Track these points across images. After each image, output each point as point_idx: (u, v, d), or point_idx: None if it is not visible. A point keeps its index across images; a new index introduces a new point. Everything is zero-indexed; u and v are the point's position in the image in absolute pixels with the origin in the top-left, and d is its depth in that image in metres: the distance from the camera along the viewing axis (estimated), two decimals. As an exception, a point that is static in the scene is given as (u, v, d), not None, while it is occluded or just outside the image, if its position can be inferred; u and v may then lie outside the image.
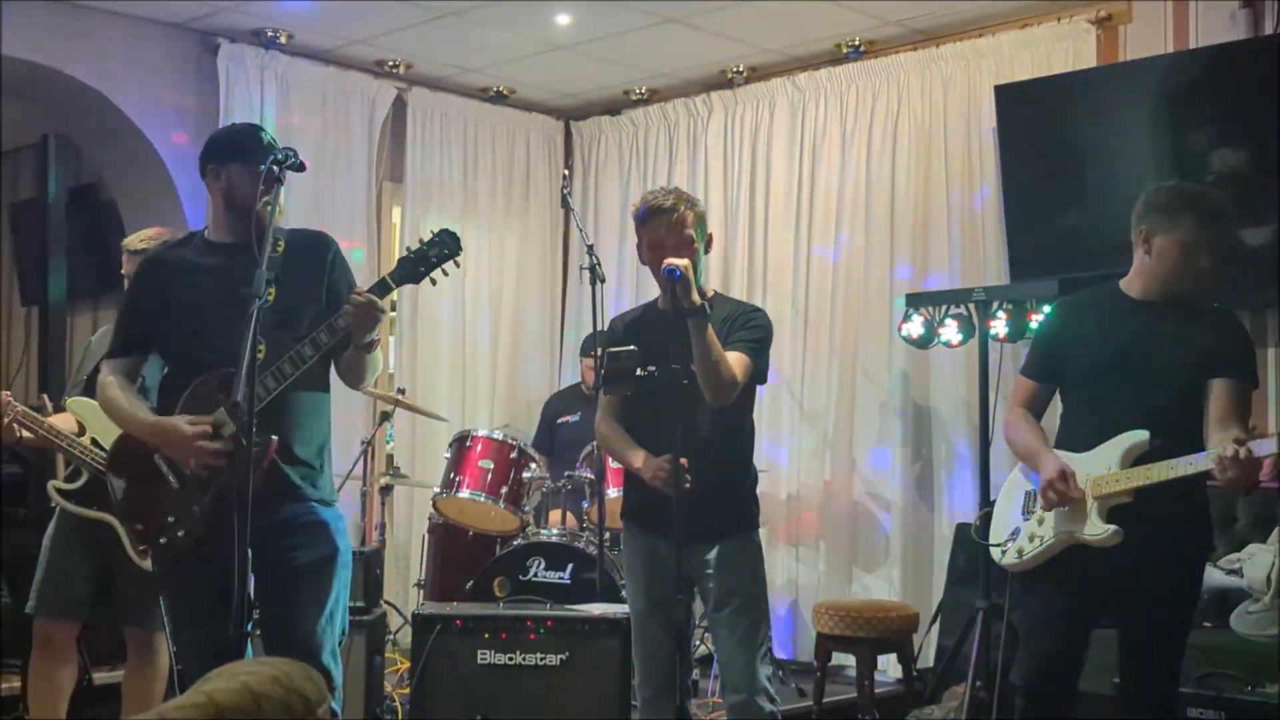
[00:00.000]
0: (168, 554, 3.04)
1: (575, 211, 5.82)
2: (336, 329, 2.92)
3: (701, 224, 3.55)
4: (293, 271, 3.00)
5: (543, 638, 4.26)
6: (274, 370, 2.91)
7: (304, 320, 2.96)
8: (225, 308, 2.90)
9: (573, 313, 7.24)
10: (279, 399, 2.94)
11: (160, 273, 3.16)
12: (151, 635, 3.95)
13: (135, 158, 6.17)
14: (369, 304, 2.90)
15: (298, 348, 2.92)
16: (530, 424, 6.51)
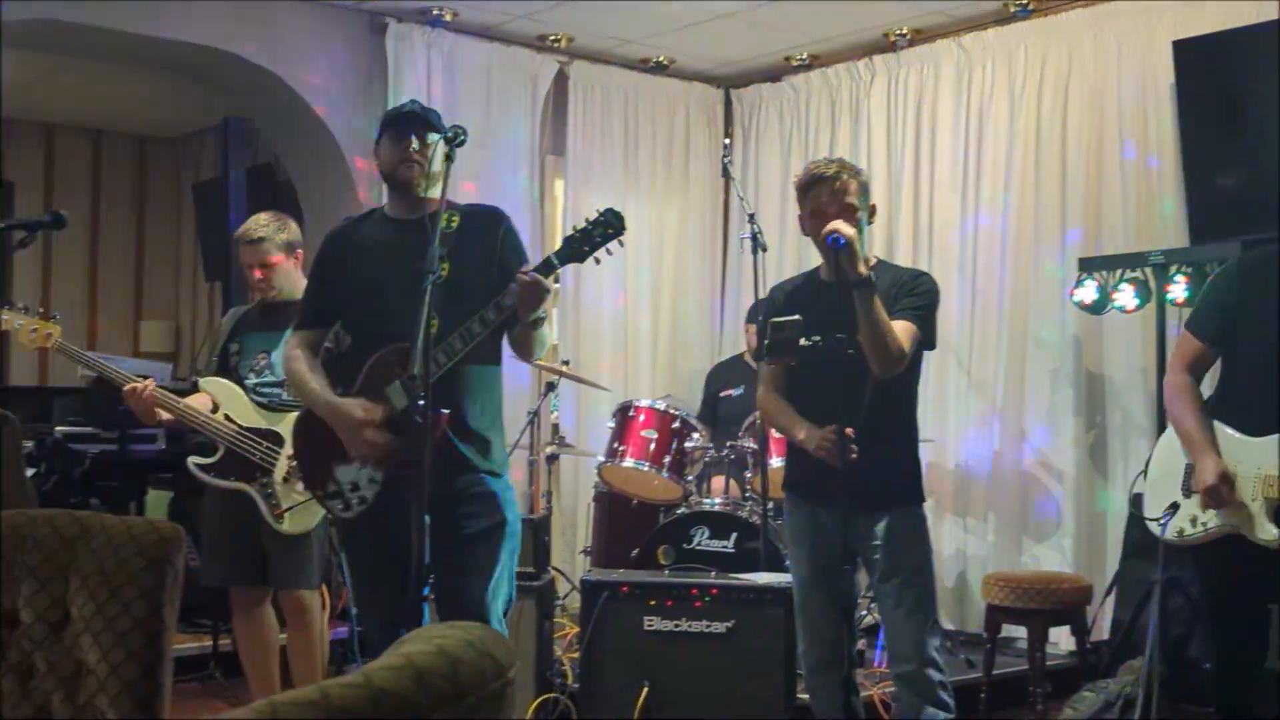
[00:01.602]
0: (348, 521, 3.17)
1: (736, 181, 5.83)
2: (503, 307, 2.99)
3: (865, 193, 3.52)
4: (466, 247, 3.08)
5: (708, 606, 4.30)
6: (445, 345, 3.00)
7: (476, 295, 3.03)
8: (400, 282, 3.00)
9: (733, 282, 7.24)
10: (451, 373, 3.03)
11: (340, 248, 3.29)
12: (303, 596, 4.12)
13: (309, 138, 6.38)
14: (534, 283, 2.95)
15: (467, 324, 3.01)
16: (691, 393, 6.56)
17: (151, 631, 2.09)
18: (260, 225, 4.20)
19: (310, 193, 6.67)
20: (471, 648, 1.08)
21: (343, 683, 0.97)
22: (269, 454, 4.02)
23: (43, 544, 2.15)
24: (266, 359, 4.14)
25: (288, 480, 3.99)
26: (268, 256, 4.16)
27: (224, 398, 4.11)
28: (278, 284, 4.19)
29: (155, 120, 9.12)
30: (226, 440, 4.03)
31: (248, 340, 4.20)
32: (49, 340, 4.07)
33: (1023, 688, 5.08)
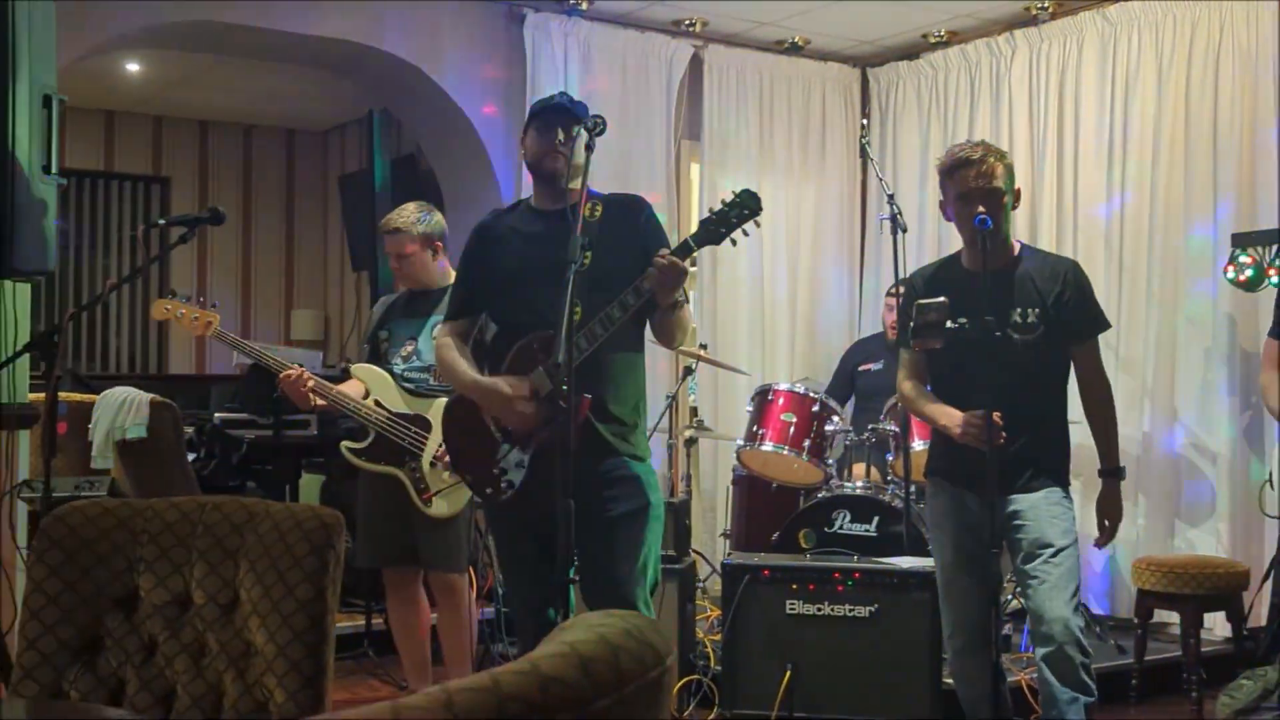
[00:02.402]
0: (495, 504, 3.23)
1: (874, 161, 5.76)
2: (642, 291, 3.02)
3: (1010, 176, 3.47)
4: (609, 235, 3.12)
5: (851, 590, 4.29)
6: (586, 331, 3.04)
7: (619, 282, 3.06)
8: (544, 272, 3.05)
9: (872, 264, 7.18)
10: (593, 359, 3.07)
11: (487, 239, 3.36)
12: (452, 578, 4.21)
13: (450, 129, 6.49)
14: (671, 266, 2.97)
15: (606, 310, 3.04)
16: (830, 376, 6.53)
17: (315, 613, 2.17)
18: (399, 216, 4.31)
19: (451, 182, 6.79)
20: (631, 636, 1.10)
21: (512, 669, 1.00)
22: (417, 439, 4.13)
23: (213, 529, 2.24)
24: (413, 345, 4.25)
25: (435, 464, 4.09)
26: (403, 246, 4.26)
27: (374, 384, 4.23)
28: (413, 273, 4.30)
29: (302, 114, 9.38)
30: (376, 425, 4.15)
31: (395, 327, 4.32)
32: (209, 329, 4.23)
33: (1176, 675, 4.95)
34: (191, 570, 2.22)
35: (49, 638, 2.22)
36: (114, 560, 2.23)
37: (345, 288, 9.63)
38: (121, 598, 2.23)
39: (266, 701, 2.17)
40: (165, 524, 2.25)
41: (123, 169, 9.25)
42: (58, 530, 2.24)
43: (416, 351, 4.24)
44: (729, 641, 4.36)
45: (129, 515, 2.26)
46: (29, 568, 2.26)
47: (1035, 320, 3.43)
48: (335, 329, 9.75)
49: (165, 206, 9.35)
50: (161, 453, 5.33)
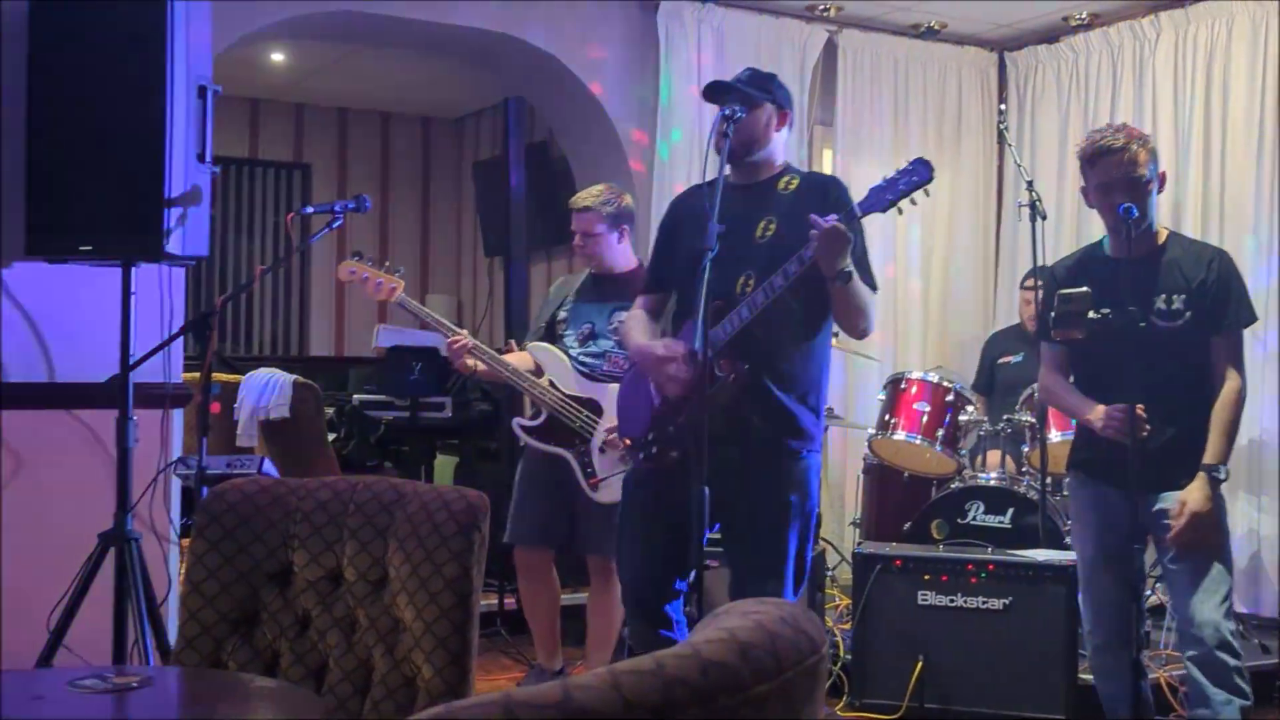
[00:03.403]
0: (645, 470, 3.26)
1: (1011, 146, 5.66)
2: (804, 259, 2.99)
3: (1154, 160, 3.39)
4: (799, 210, 3.10)
5: (984, 582, 4.24)
6: (749, 300, 3.05)
7: None
8: (728, 247, 3.06)
9: (1008, 251, 7.05)
10: (763, 338, 3.07)
11: (676, 214, 3.41)
12: (610, 562, 4.25)
13: (584, 115, 6.55)
14: (833, 230, 2.93)
15: (769, 279, 3.04)
16: (963, 365, 6.43)
17: (462, 592, 2.22)
18: (590, 194, 4.33)
19: (584, 167, 6.84)
20: (787, 624, 1.12)
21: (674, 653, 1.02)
22: (588, 423, 4.17)
23: (364, 508, 2.31)
24: (591, 328, 4.29)
25: (605, 450, 4.13)
26: (591, 225, 4.27)
27: (549, 363, 4.28)
28: (596, 254, 4.31)
29: (437, 101, 9.53)
30: (550, 405, 4.19)
31: (575, 309, 4.36)
32: (393, 294, 4.29)
33: (1324, 677, 4.79)
34: (343, 548, 2.29)
35: (209, 610, 2.31)
36: (270, 537, 2.32)
37: (478, 273, 9.78)
38: (276, 573, 2.32)
39: (414, 677, 2.24)
40: (318, 502, 2.32)
41: (266, 156, 9.51)
42: (218, 506, 2.34)
43: (594, 335, 4.28)
44: (859, 631, 4.35)
45: (284, 493, 2.34)
46: (192, 542, 2.36)
47: (1181, 307, 3.34)
48: (468, 313, 9.91)
49: (306, 193, 9.59)
50: (303, 432, 5.49)
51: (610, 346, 4.21)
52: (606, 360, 4.21)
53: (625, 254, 4.33)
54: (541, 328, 4.44)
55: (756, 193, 3.17)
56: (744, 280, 3.11)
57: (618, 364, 4.17)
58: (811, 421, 3.19)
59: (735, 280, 3.08)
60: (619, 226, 4.29)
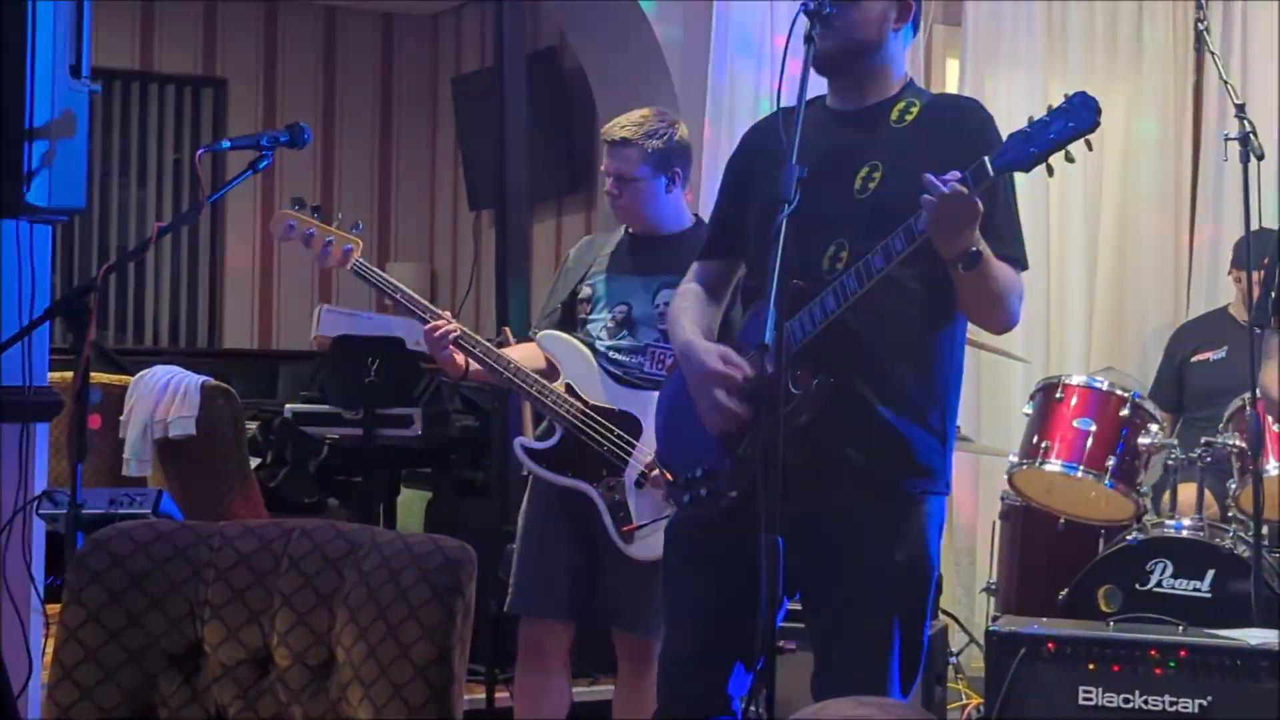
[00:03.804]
0: (692, 517, 3.26)
1: (1215, 55, 5.62)
2: (912, 233, 2.95)
3: None
4: (919, 151, 3.06)
5: (1173, 674, 4.22)
6: (837, 284, 3.02)
7: None
8: (826, 198, 3.00)
9: (1208, 208, 6.99)
10: (863, 333, 3.04)
11: (749, 152, 3.36)
12: (648, 641, 4.23)
13: (610, 13, 6.55)
14: (954, 196, 2.89)
15: (867, 257, 3.00)
16: (1143, 366, 6.40)
17: (438, 682, 2.23)
18: (629, 122, 4.21)
19: (609, 86, 6.85)
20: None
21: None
22: (621, 446, 4.14)
23: (302, 564, 2.32)
24: (626, 312, 4.24)
25: (644, 486, 4.12)
26: (630, 166, 4.18)
27: (567, 361, 4.24)
28: (636, 207, 4.23)
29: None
30: (566, 420, 4.16)
31: (605, 284, 4.30)
32: (348, 259, 4.24)
33: None
34: (273, 620, 2.30)
35: (87, 704, 2.32)
36: (171, 603, 2.32)
37: (460, 234, 9.81)
38: (181, 654, 2.33)
39: (371, 801, 2.25)
40: (238, 556, 2.33)
41: (166, 68, 9.58)
42: (99, 561, 2.35)
43: (631, 322, 4.26)
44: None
45: (191, 543, 2.35)
46: (63, 611, 2.37)
47: None
48: (445, 288, 9.94)
49: (220, 120, 9.64)
50: (216, 456, 5.52)
51: (654, 338, 4.19)
52: (648, 357, 4.18)
53: (677, 208, 4.30)
54: (556, 310, 4.40)
55: (859, 124, 3.14)
56: (834, 251, 3.09)
57: (664, 362, 4.16)
58: (932, 450, 3.16)
59: (822, 250, 3.05)
60: (670, 169, 4.24)
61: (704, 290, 3.37)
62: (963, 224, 2.89)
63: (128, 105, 9.56)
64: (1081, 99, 2.88)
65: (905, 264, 2.98)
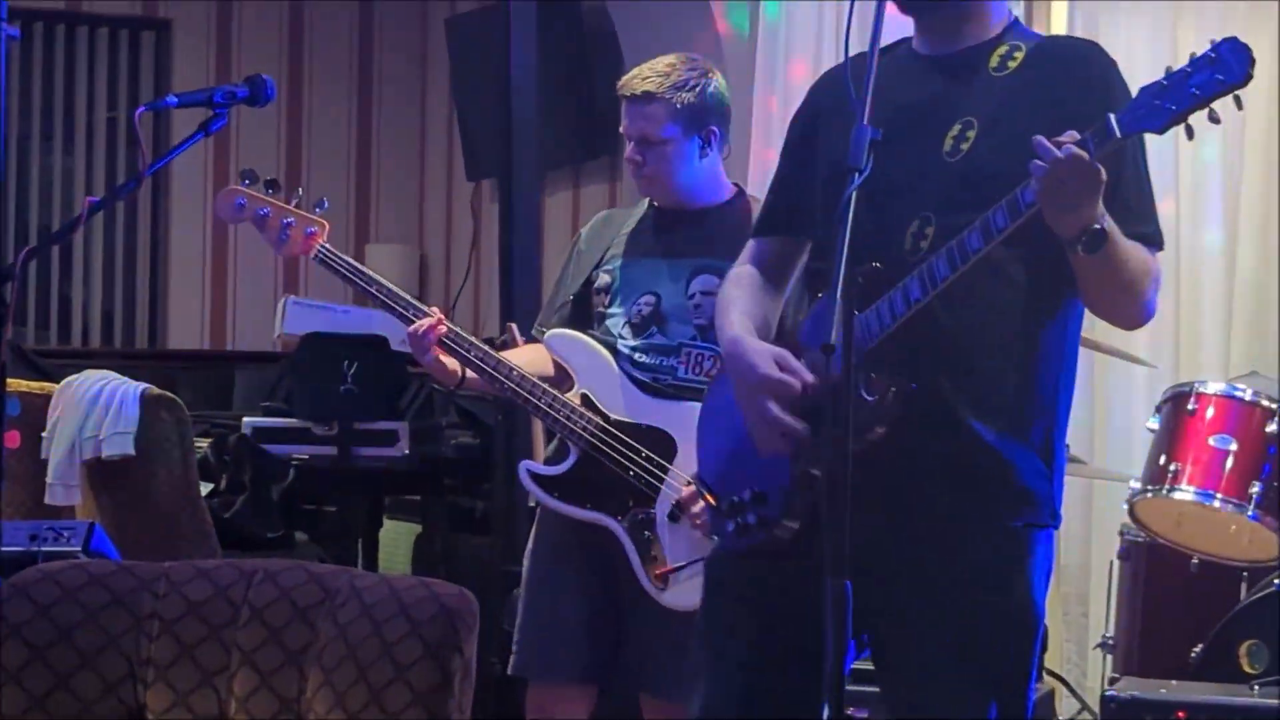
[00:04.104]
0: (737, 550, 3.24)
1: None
2: (1019, 205, 2.93)
3: None
4: (1024, 104, 3.05)
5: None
6: (924, 270, 3.00)
7: None
8: (906, 162, 3.01)
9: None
10: (952, 328, 3.01)
11: (816, 109, 3.34)
12: (676, 710, 4.23)
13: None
14: (1072, 161, 2.88)
15: (961, 235, 2.98)
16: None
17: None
18: (652, 73, 4.20)
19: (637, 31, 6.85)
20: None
21: None
22: (650, 469, 4.15)
23: (266, 613, 2.33)
24: (654, 304, 4.24)
25: (678, 518, 4.12)
26: (654, 127, 4.17)
27: (581, 365, 4.23)
28: (664, 176, 4.23)
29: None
30: (582, 438, 4.18)
31: (627, 270, 4.31)
32: (311, 245, 4.26)
33: None
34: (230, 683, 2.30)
35: (4, 785, 2.33)
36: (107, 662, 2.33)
37: (456, 210, 9.81)
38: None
39: None
40: (188, 604, 2.34)
41: (96, 8, 9.60)
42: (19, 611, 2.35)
43: (660, 317, 4.27)
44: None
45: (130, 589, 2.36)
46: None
47: None
48: (437, 276, 9.94)
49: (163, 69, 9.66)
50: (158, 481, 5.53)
51: (688, 336, 4.19)
52: (682, 360, 4.17)
53: (713, 176, 4.30)
54: (567, 304, 4.40)
55: (951, 71, 3.12)
56: (918, 227, 3.09)
57: (702, 365, 4.15)
58: (1037, 474, 3.14)
59: (903, 226, 3.04)
60: (704, 128, 4.23)
61: (760, 275, 3.35)
62: (1082, 196, 2.87)
63: (50, 52, 9.56)
64: (1231, 46, 2.86)
65: (1007, 243, 2.96)
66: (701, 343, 4.14)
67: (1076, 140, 2.82)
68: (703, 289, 4.04)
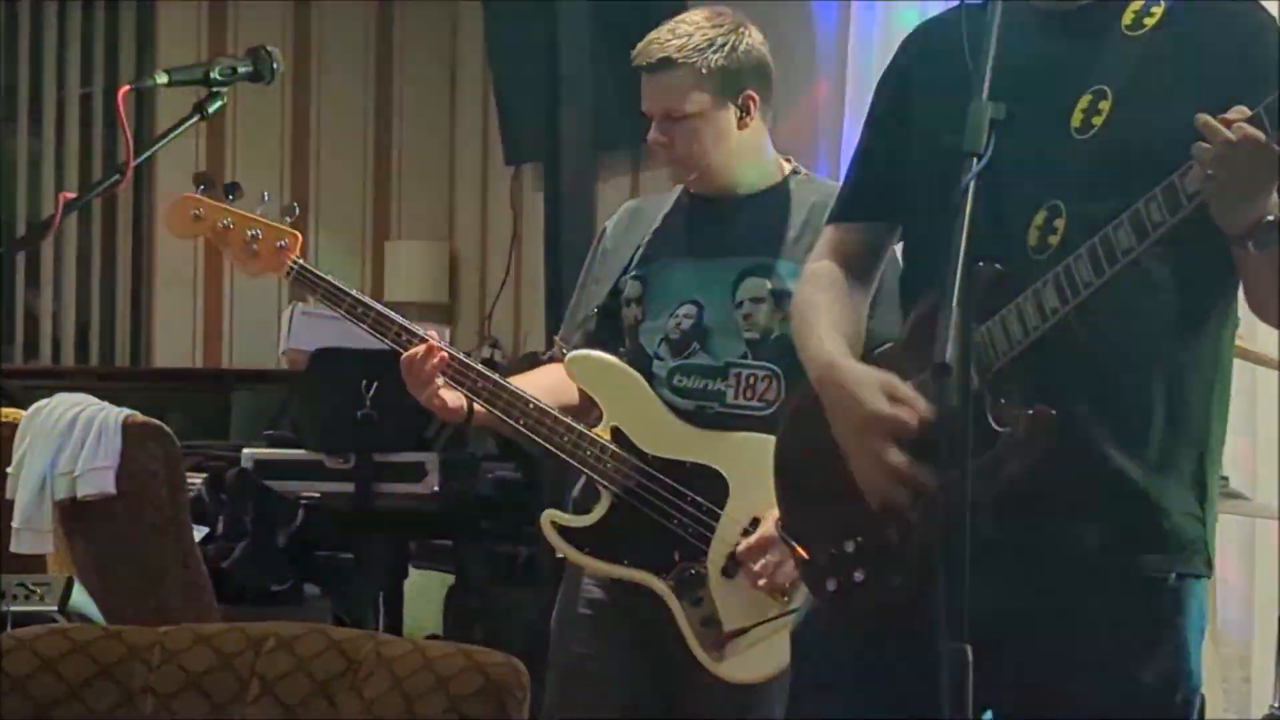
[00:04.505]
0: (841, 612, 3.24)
1: None
2: (1179, 196, 2.90)
3: None
4: (1167, 69, 3.03)
5: None
6: (1060, 275, 2.97)
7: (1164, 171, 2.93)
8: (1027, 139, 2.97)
9: None
10: (1089, 343, 3.01)
11: (917, 63, 3.30)
12: None
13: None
14: (1245, 143, 2.85)
15: (1107, 230, 2.95)
16: None
17: None
18: (672, 36, 4.14)
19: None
20: None
21: None
22: (698, 516, 4.13)
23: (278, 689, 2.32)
24: (695, 316, 4.19)
25: (735, 573, 4.09)
26: (678, 100, 4.13)
27: (610, 394, 4.18)
28: (696, 157, 4.16)
29: None
30: (614, 482, 4.15)
31: (661, 275, 4.28)
32: (282, 259, 4.24)
33: None
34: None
35: None
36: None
37: (492, 197, 9.84)
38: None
39: None
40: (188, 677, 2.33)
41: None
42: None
43: (701, 330, 4.24)
44: None
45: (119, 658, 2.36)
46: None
47: None
48: (469, 276, 9.97)
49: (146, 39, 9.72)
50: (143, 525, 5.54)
51: (738, 354, 4.13)
52: (732, 382, 4.12)
53: (757, 150, 4.21)
54: (592, 316, 4.34)
55: (1077, 29, 3.08)
56: (1045, 219, 3.07)
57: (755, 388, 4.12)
58: (1189, 515, 3.12)
59: (1026, 217, 3.00)
60: (739, 93, 4.17)
61: (844, 272, 3.31)
62: (1257, 184, 2.83)
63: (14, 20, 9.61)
64: None
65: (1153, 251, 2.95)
66: (755, 360, 4.07)
67: (1247, 117, 2.80)
68: (752, 295, 3.99)
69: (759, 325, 4.05)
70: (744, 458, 3.84)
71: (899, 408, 2.98)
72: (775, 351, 4.02)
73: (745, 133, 4.17)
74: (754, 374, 4.10)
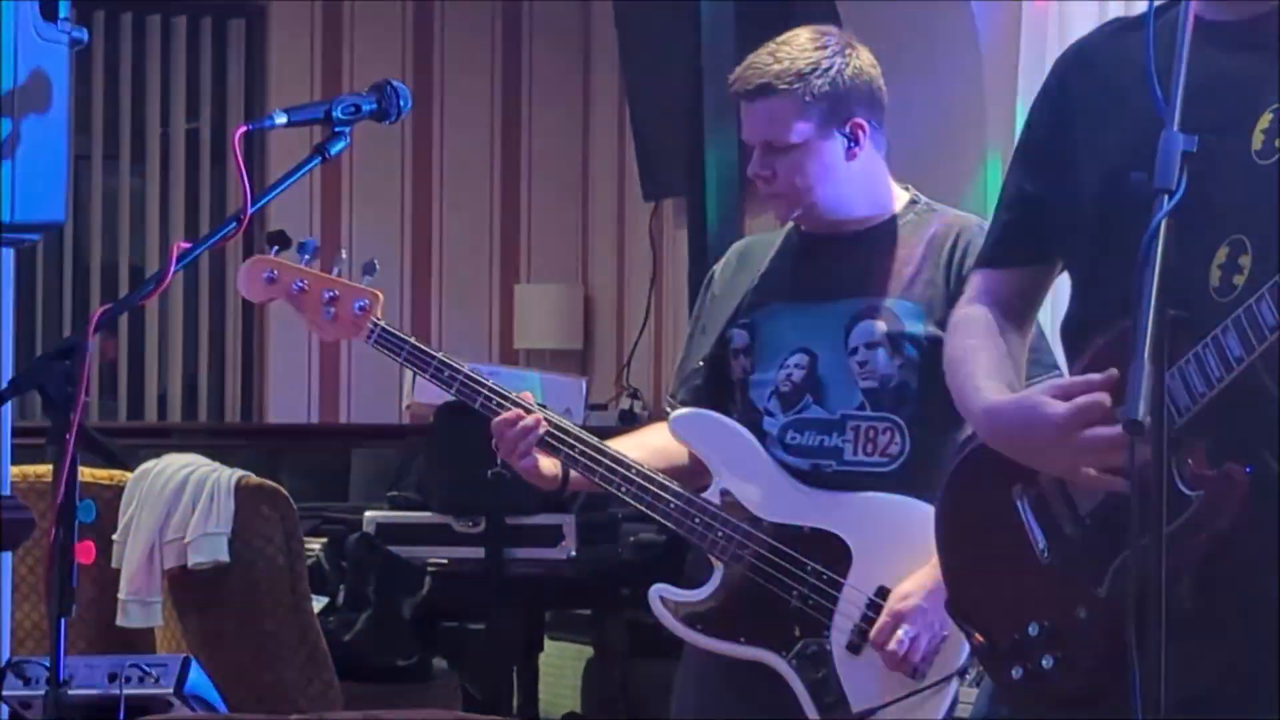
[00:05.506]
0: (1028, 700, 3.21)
1: None
2: None
3: None
4: None
5: None
6: (1243, 317, 2.91)
7: None
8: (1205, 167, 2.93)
9: None
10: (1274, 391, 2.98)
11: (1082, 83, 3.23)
12: None
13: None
14: None
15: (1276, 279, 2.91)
16: None
17: None
18: (771, 60, 4.13)
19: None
20: None
21: None
22: (819, 587, 4.11)
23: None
24: (807, 367, 4.17)
25: (859, 650, 4.06)
26: (781, 130, 4.11)
27: (719, 455, 4.15)
28: (800, 191, 4.15)
29: None
30: (727, 552, 4.13)
31: (768, 323, 4.24)
32: (363, 321, 4.25)
33: None
34: None
35: None
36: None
37: (629, 236, 9.85)
38: None
39: None
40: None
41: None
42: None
43: (816, 381, 4.24)
44: None
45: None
46: None
47: None
48: (605, 320, 9.97)
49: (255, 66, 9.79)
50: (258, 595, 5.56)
51: (854, 405, 4.08)
52: (849, 436, 4.09)
53: (870, 181, 4.15)
54: (699, 370, 4.31)
55: (1253, 43, 3.01)
56: (1227, 255, 3.02)
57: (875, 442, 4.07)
58: None
59: (1208, 255, 2.94)
60: (846, 121, 4.14)
61: (997, 318, 3.28)
62: None
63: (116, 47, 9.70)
64: None
65: None
66: (871, 412, 4.06)
67: None
68: (866, 340, 3.97)
69: (876, 373, 4.03)
70: (866, 521, 3.83)
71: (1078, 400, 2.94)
72: (896, 401, 4.04)
73: (854, 163, 4.15)
74: (873, 426, 4.08)
